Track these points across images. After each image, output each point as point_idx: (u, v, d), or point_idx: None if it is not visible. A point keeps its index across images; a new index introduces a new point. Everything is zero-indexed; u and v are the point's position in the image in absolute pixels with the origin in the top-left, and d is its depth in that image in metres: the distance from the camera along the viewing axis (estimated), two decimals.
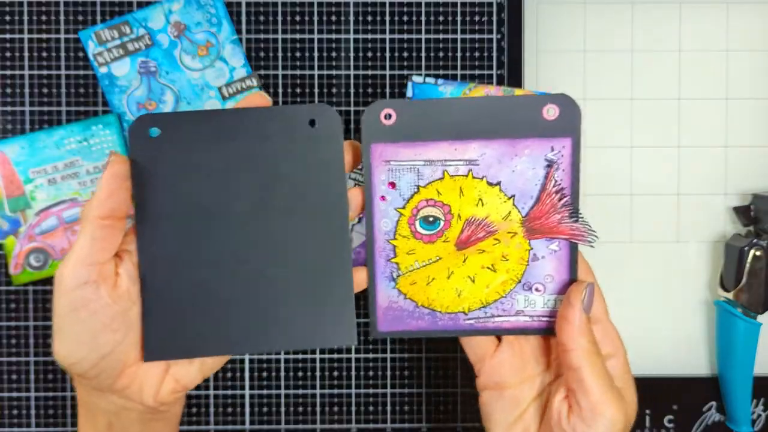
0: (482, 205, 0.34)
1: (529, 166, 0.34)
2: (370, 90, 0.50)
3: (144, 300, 0.32)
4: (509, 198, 0.34)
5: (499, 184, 0.34)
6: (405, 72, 0.50)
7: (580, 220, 0.34)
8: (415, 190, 0.34)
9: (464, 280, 0.35)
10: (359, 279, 0.35)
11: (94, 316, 0.30)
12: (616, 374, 0.34)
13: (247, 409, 0.51)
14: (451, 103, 0.34)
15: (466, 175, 0.34)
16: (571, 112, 0.33)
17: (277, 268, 0.34)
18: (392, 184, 0.34)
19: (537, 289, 0.35)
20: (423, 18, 0.50)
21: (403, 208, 0.35)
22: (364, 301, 0.49)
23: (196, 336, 0.33)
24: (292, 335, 0.34)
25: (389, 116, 0.34)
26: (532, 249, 0.35)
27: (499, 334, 0.36)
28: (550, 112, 0.33)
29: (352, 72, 0.50)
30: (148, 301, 0.33)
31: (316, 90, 0.50)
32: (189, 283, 0.33)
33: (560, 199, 0.34)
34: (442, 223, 0.35)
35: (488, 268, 0.35)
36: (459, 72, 0.50)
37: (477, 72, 0.50)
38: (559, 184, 0.34)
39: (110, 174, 0.31)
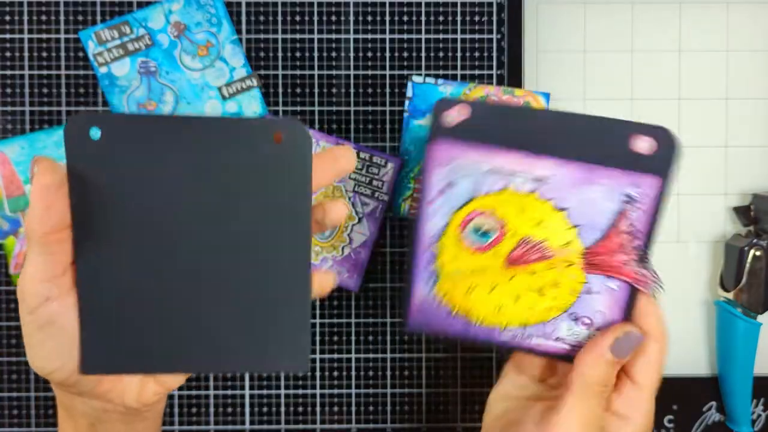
0: (542, 227, 0.31)
1: (604, 198, 0.30)
2: (370, 90, 0.50)
3: (81, 311, 0.30)
4: (574, 227, 0.31)
5: (565, 210, 0.31)
6: (405, 72, 0.50)
7: (648, 266, 0.31)
8: (473, 196, 0.32)
9: (507, 297, 0.33)
10: (322, 282, 0.33)
11: (64, 330, 0.29)
12: None
13: (247, 409, 0.51)
14: (530, 112, 0.31)
15: (530, 194, 0.31)
16: (669, 148, 0.29)
17: (227, 286, 0.31)
18: (449, 185, 0.32)
19: (584, 322, 0.33)
20: (423, 18, 0.50)
21: (456, 213, 0.32)
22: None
23: (138, 351, 0.31)
24: (240, 357, 0.32)
25: (462, 113, 0.31)
26: (587, 282, 0.32)
27: (534, 353, 0.34)
28: (642, 144, 0.30)
29: (352, 72, 0.50)
30: (85, 313, 0.30)
31: (316, 90, 0.50)
32: (132, 296, 0.31)
33: (631, 241, 0.31)
34: (494, 234, 0.32)
35: (536, 291, 0.33)
36: (459, 72, 0.50)
37: (477, 72, 0.50)
38: (634, 225, 0.30)
39: (41, 186, 0.28)
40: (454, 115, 0.31)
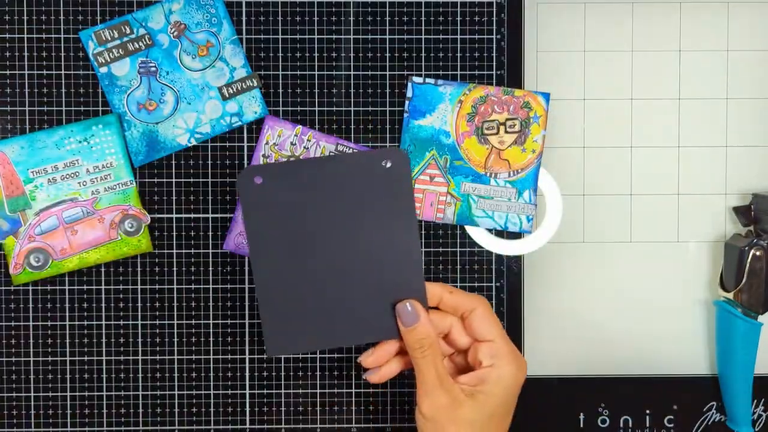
0: None
1: None
2: (370, 90, 0.50)
3: (261, 307, 0.43)
4: None
5: None
6: (405, 72, 0.50)
7: None
8: None
9: None
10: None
11: None
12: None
13: (247, 409, 0.51)
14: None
15: None
16: None
17: (361, 279, 0.43)
18: None
19: None
20: (423, 18, 0.50)
21: None
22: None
23: (306, 333, 0.43)
24: (374, 330, 0.43)
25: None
26: None
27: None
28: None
29: (352, 72, 0.50)
30: (264, 310, 0.43)
31: (316, 90, 0.50)
32: (295, 291, 0.43)
33: None
34: None
35: None
36: (459, 72, 0.50)
37: (477, 72, 0.50)
38: None
39: None
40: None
